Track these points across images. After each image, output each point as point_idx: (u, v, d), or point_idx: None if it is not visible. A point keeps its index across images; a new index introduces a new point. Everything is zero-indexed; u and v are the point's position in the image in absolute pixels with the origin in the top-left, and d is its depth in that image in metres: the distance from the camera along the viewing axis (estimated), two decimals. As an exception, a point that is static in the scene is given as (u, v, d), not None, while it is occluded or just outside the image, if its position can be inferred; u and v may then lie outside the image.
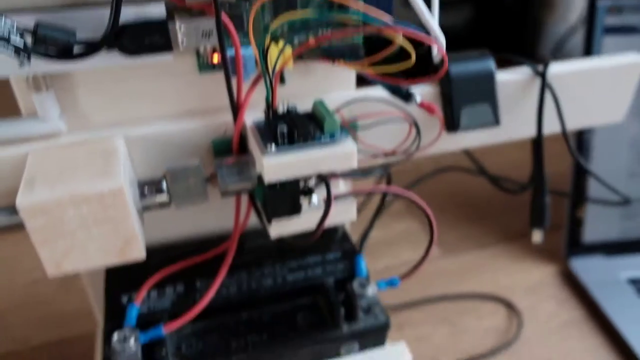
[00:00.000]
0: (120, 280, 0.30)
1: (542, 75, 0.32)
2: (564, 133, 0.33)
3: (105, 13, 0.23)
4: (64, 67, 0.24)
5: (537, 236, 0.35)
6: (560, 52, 0.85)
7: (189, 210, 0.31)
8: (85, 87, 0.26)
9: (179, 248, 0.32)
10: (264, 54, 0.24)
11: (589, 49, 0.44)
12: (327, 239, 0.33)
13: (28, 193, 0.23)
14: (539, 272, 0.48)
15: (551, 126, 0.34)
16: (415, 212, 0.56)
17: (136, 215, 0.25)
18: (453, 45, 0.90)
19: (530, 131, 0.34)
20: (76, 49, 0.23)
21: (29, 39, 0.22)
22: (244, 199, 0.30)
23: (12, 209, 0.24)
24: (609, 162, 0.45)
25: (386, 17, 0.22)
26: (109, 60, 0.24)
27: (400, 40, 0.22)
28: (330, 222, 0.26)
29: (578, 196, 0.44)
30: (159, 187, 0.26)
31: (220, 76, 0.26)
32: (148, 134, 0.27)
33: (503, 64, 0.33)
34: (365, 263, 0.31)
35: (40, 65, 0.24)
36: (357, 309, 0.29)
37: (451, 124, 0.31)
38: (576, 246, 0.47)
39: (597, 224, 0.47)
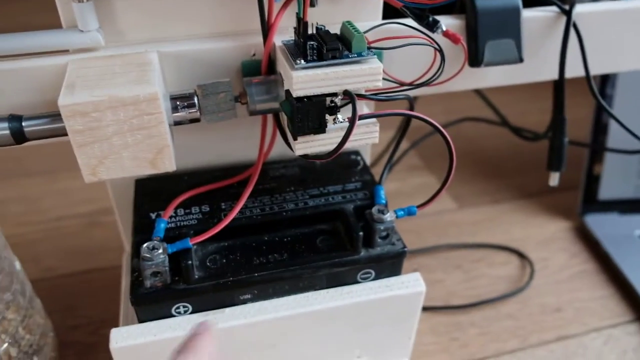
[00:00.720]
0: (149, 199, 0.31)
1: (568, 13, 0.32)
2: (588, 77, 0.33)
3: None
4: (103, -22, 0.25)
5: (554, 179, 0.36)
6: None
7: (216, 135, 0.32)
8: (123, 1, 0.27)
9: (205, 173, 0.33)
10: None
11: None
12: (348, 170, 0.34)
13: (69, 95, 0.24)
14: (553, 226, 0.48)
15: (575, 69, 0.34)
16: (432, 166, 0.56)
17: (168, 127, 0.26)
18: None
19: (553, 73, 0.34)
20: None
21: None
22: (270, 123, 0.31)
23: (54, 116, 0.25)
24: (630, 114, 0.45)
25: None
26: (146, -27, 0.25)
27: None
28: (353, 144, 0.27)
29: (597, 148, 0.45)
30: (191, 101, 0.27)
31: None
32: (180, 51, 0.28)
33: (532, 2, 0.33)
34: (384, 193, 0.32)
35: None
36: (376, 234, 0.29)
37: (475, 58, 0.31)
38: (591, 203, 0.48)
39: (614, 182, 0.47)
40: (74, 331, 0.39)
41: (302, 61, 0.25)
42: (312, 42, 0.25)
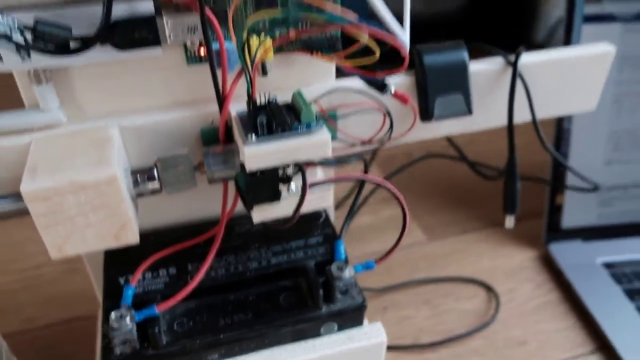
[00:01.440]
0: (118, 263, 0.32)
1: (514, 65, 0.34)
2: (535, 123, 0.35)
3: (98, 10, 0.25)
4: (62, 62, 0.26)
5: (509, 222, 0.37)
6: (553, 38, 0.87)
7: (180, 196, 0.33)
8: (82, 80, 0.28)
9: (172, 232, 0.34)
10: (243, 46, 0.26)
11: (568, 37, 0.45)
12: (310, 224, 0.35)
13: (30, 180, 0.25)
14: (520, 256, 0.50)
15: (524, 115, 0.36)
16: (405, 197, 0.58)
17: (130, 202, 0.27)
18: (448, 29, 0.92)
19: (502, 120, 0.36)
20: (72, 45, 0.25)
21: (28, 36, 0.24)
22: (232, 186, 0.32)
23: (18, 196, 0.26)
24: (586, 149, 0.47)
25: (351, 16, 0.24)
26: (102, 55, 0.26)
27: (364, 39, 0.24)
28: (307, 208, 0.28)
29: (556, 183, 0.46)
30: (151, 174, 0.28)
31: (206, 68, 0.28)
32: (140, 124, 0.29)
33: (477, 54, 0.34)
34: (344, 247, 0.33)
35: (40, 60, 0.26)
36: (335, 290, 0.31)
37: (425, 113, 0.33)
38: (555, 232, 0.49)
39: (576, 210, 0.49)
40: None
41: (254, 136, 0.26)
42: (261, 118, 0.26)
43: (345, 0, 0.28)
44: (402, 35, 0.26)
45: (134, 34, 0.26)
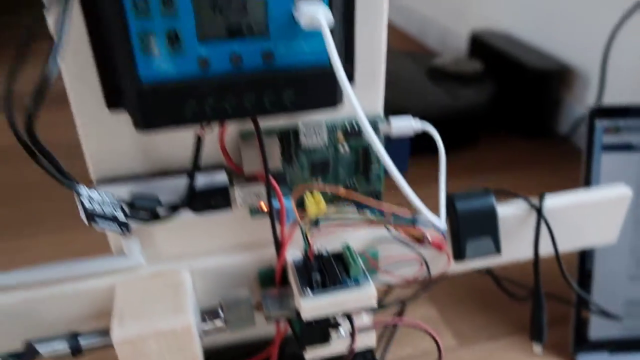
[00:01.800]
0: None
1: (538, 211, 0.38)
2: (558, 260, 0.38)
3: (180, 180, 0.30)
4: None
5: (537, 349, 0.40)
6: (577, 132, 0.90)
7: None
8: (161, 230, 0.33)
9: (231, 350, 0.37)
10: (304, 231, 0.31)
11: (588, 168, 0.49)
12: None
13: (119, 328, 0.29)
14: (548, 364, 0.52)
15: (548, 249, 0.39)
16: (435, 299, 0.60)
17: (199, 341, 0.31)
18: (475, 120, 0.96)
19: (528, 254, 0.39)
20: (160, 212, 0.30)
21: (126, 208, 0.29)
22: (283, 323, 0.36)
23: (103, 332, 0.31)
24: (611, 266, 0.50)
25: (403, 214, 0.28)
26: (183, 217, 0.31)
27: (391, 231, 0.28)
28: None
29: (581, 306, 0.49)
30: (216, 315, 0.32)
31: (267, 219, 0.33)
32: (208, 266, 0.34)
33: (502, 196, 0.38)
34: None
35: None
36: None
37: (458, 254, 0.36)
38: (582, 343, 0.51)
39: (602, 323, 0.51)
40: None
41: (309, 290, 0.30)
42: (316, 276, 0.30)
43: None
44: (439, 225, 0.29)
45: (211, 200, 0.31)
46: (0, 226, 0.72)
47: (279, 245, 0.33)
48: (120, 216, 0.28)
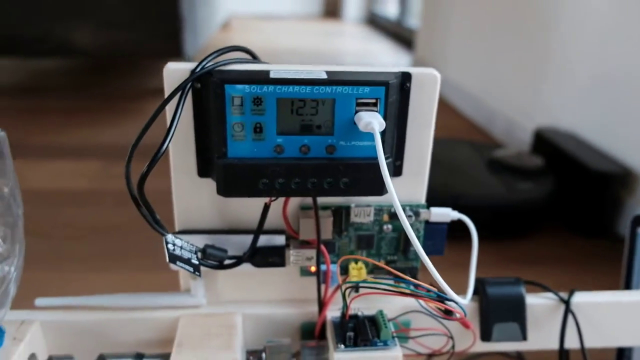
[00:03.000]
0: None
1: (566, 303, 0.40)
2: (583, 353, 0.40)
3: (247, 238, 0.36)
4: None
5: None
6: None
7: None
8: (224, 277, 0.39)
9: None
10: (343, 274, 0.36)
11: (629, 270, 0.50)
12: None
13: (178, 355, 0.34)
14: None
15: (575, 342, 0.41)
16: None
17: (242, 377, 0.36)
18: (531, 213, 0.98)
19: (554, 344, 0.41)
20: (226, 262, 0.36)
21: (200, 255, 0.35)
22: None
23: (165, 356, 0.36)
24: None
25: (426, 286, 0.33)
26: (243, 268, 0.37)
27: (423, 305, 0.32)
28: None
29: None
30: (260, 357, 0.37)
31: (313, 279, 0.38)
32: (259, 314, 0.39)
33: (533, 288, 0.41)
34: None
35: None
36: None
37: (485, 335, 0.40)
38: None
39: None
40: None
41: (342, 345, 0.34)
42: (349, 333, 0.35)
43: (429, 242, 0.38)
44: (456, 300, 0.33)
45: (268, 258, 0.37)
46: (78, 260, 0.81)
47: (322, 304, 0.38)
48: (195, 261, 0.34)
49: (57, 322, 0.38)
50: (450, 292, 0.30)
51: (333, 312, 0.38)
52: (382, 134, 0.32)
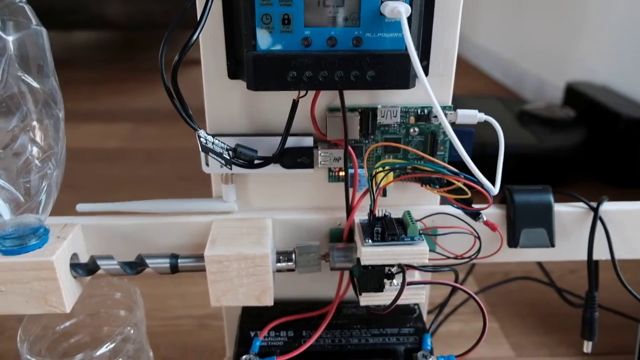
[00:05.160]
0: (251, 320, 0.42)
1: (595, 211, 0.40)
2: (614, 264, 0.40)
3: (276, 139, 0.37)
4: (245, 171, 0.38)
5: (587, 347, 0.41)
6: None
7: (306, 277, 0.42)
8: (254, 183, 0.40)
9: (294, 304, 0.43)
10: (372, 177, 0.36)
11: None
12: (405, 317, 0.42)
13: (212, 249, 0.36)
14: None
15: (603, 253, 0.41)
16: (496, 312, 0.62)
17: (272, 274, 0.37)
18: (562, 163, 0.98)
19: (582, 255, 0.41)
20: (256, 162, 0.37)
21: (231, 153, 0.36)
22: (346, 276, 0.41)
23: (198, 257, 0.37)
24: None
25: (449, 168, 0.33)
26: (272, 170, 0.38)
27: (460, 184, 0.32)
28: (403, 301, 0.36)
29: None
30: (289, 256, 0.38)
31: (341, 186, 0.39)
32: (288, 219, 0.40)
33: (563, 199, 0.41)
34: (431, 341, 0.39)
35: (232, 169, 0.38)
36: (419, 374, 0.37)
37: (512, 241, 0.40)
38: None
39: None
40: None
41: (370, 240, 0.35)
42: (377, 228, 0.35)
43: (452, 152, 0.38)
44: (486, 183, 0.33)
45: (297, 159, 0.37)
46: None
47: (350, 207, 0.38)
48: (226, 157, 0.35)
49: (97, 226, 0.40)
50: (482, 178, 0.31)
51: (361, 216, 0.38)
52: (408, 25, 0.32)
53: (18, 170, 0.35)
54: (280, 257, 0.38)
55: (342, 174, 0.39)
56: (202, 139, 0.34)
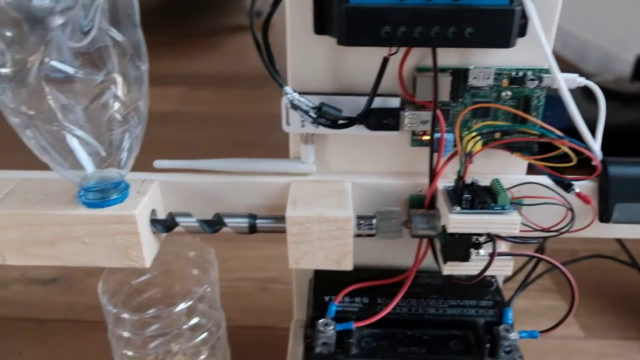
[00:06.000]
0: (325, 285, 0.41)
1: (698, 188, 0.37)
2: None
3: (361, 100, 0.36)
4: (326, 131, 0.37)
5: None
6: None
7: (385, 245, 0.41)
8: (333, 145, 0.39)
9: (371, 271, 0.42)
10: (463, 142, 0.34)
11: None
12: (483, 289, 0.41)
13: (292, 210, 0.35)
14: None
15: None
16: (563, 291, 0.60)
17: (352, 238, 0.36)
18: (632, 139, 0.93)
19: (683, 235, 0.39)
20: (340, 122, 0.36)
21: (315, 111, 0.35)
22: (424, 245, 0.39)
23: (278, 218, 0.37)
24: None
25: (556, 132, 0.31)
26: (356, 131, 0.36)
27: (565, 148, 0.30)
28: (490, 272, 0.34)
29: None
30: (370, 222, 0.37)
31: (423, 151, 0.37)
32: (367, 183, 0.39)
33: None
34: (512, 314, 0.38)
35: (311, 128, 0.37)
36: (500, 348, 0.36)
37: (604, 215, 0.37)
38: None
39: None
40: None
41: (458, 207, 0.34)
42: (467, 195, 0.34)
43: (549, 114, 0.36)
44: (596, 148, 0.32)
45: (382, 120, 0.36)
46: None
47: (433, 172, 0.37)
48: (311, 113, 0.34)
49: (175, 183, 0.39)
50: (587, 135, 0.29)
51: (443, 183, 0.37)
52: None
53: (103, 124, 0.35)
54: (361, 222, 0.37)
55: (425, 137, 0.38)
56: (288, 96, 0.33)
